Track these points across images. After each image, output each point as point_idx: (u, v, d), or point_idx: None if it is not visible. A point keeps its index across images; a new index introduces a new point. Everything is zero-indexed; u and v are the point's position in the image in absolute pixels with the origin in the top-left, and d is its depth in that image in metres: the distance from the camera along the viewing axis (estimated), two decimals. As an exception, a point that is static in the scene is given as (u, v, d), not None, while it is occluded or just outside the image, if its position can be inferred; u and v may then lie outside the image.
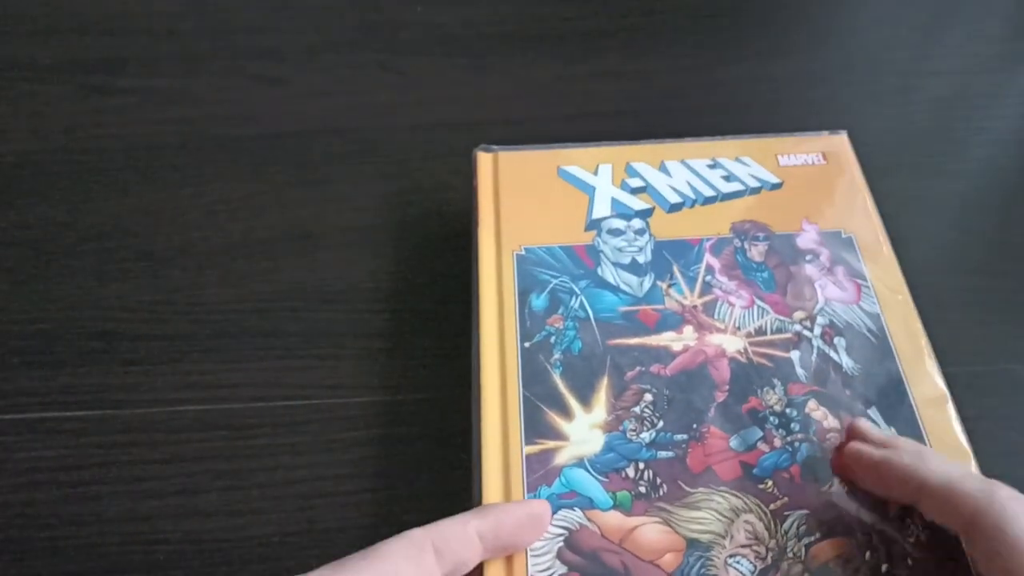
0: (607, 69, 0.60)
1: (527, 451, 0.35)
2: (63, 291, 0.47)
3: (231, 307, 0.46)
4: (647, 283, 0.40)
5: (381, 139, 0.55)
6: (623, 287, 0.40)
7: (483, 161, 0.46)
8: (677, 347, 0.38)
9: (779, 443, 0.35)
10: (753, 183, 0.44)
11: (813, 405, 0.36)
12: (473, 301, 0.40)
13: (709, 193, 0.44)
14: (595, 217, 0.43)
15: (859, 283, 0.40)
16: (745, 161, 0.45)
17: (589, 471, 0.34)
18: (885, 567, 0.32)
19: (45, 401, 0.43)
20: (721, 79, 0.59)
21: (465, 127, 0.55)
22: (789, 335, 0.39)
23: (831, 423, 0.36)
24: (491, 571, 0.31)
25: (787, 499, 0.33)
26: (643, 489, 0.34)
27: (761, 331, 0.39)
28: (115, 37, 0.62)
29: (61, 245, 0.49)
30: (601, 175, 0.45)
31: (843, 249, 0.41)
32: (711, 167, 0.45)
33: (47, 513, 0.39)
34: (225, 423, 0.42)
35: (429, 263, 0.48)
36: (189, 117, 0.56)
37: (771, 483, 0.34)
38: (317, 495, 0.40)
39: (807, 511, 0.33)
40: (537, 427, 0.35)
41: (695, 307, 0.40)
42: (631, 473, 0.34)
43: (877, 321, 0.39)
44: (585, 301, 0.40)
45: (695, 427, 0.35)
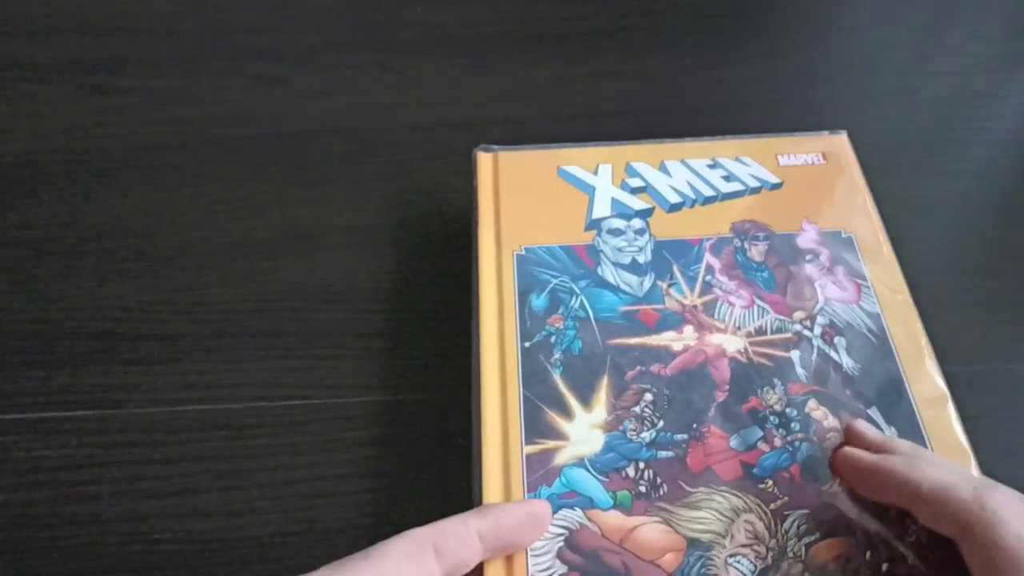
0: (607, 69, 0.60)
1: (527, 451, 0.35)
2: (63, 291, 0.47)
3: (231, 307, 0.46)
4: (647, 283, 0.40)
5: (381, 139, 0.55)
6: (623, 287, 0.40)
7: (483, 161, 0.46)
8: (677, 347, 0.38)
9: (779, 443, 0.35)
10: (753, 183, 0.44)
11: (813, 405, 0.36)
12: (473, 301, 0.40)
13: (709, 193, 0.44)
14: (595, 217, 0.43)
15: (859, 283, 0.40)
16: (745, 161, 0.45)
17: (589, 471, 0.34)
18: (885, 567, 0.32)
19: (45, 401, 0.43)
20: (721, 79, 0.59)
21: (465, 127, 0.55)
22: (789, 335, 0.39)
23: (831, 423, 0.36)
24: (491, 571, 0.31)
25: (787, 499, 0.33)
26: (643, 489, 0.34)
27: (761, 331, 0.39)
28: (115, 37, 0.62)
29: (61, 245, 0.49)
30: (601, 175, 0.45)
31: (843, 249, 0.41)
32: (711, 167, 0.45)
33: (47, 513, 0.39)
34: (225, 423, 0.42)
35: (429, 263, 0.48)
36: (189, 117, 0.56)
37: (771, 483, 0.34)
38: (317, 495, 0.40)
39: (807, 511, 0.33)
40: (537, 427, 0.35)
41: (695, 307, 0.40)
42: (631, 473, 0.34)
43: (877, 321, 0.39)
44: (585, 301, 0.40)
45: (695, 427, 0.35)
